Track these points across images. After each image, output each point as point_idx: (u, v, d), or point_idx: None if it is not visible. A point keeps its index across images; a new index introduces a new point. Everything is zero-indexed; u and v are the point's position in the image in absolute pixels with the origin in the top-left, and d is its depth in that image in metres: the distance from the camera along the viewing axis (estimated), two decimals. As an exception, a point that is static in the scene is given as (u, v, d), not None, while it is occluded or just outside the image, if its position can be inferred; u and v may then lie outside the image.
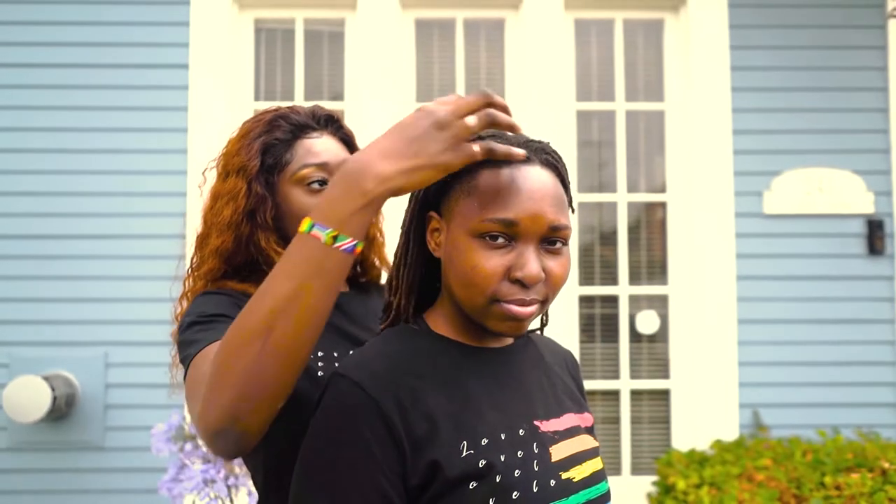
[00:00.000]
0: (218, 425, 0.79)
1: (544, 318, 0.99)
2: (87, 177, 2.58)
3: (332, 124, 1.14)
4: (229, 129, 2.62)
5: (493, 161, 0.86)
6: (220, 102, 2.60)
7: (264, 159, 1.08)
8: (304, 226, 0.78)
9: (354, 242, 0.79)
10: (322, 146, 1.09)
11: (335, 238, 0.77)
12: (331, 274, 0.77)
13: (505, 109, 0.83)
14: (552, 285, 0.86)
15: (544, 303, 0.87)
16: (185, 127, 2.60)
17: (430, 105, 0.80)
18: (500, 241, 0.83)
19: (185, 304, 1.12)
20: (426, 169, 0.78)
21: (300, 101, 2.73)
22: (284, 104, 1.14)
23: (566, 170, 0.91)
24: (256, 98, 2.74)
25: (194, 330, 0.97)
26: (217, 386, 0.79)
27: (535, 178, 0.85)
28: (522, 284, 0.83)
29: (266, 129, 1.09)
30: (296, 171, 1.08)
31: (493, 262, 0.83)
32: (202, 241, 1.12)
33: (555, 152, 0.90)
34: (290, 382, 0.79)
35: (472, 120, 0.78)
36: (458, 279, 0.86)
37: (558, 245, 0.86)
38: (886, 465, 1.95)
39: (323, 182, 1.08)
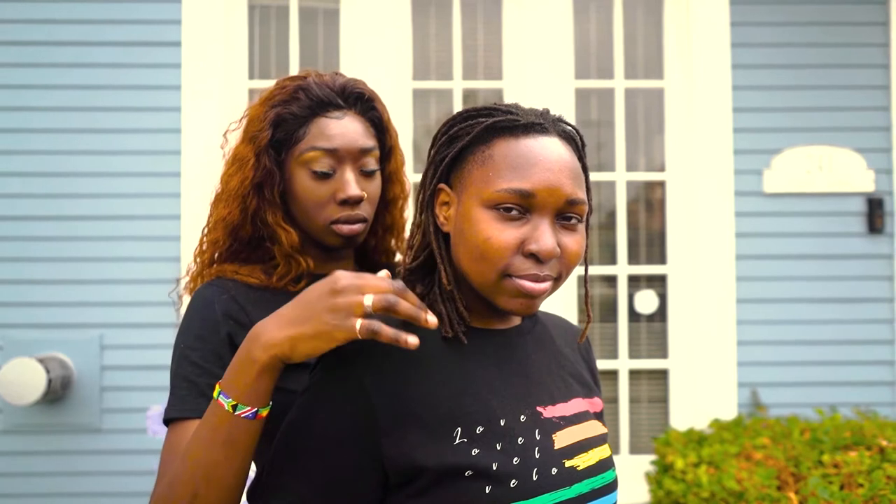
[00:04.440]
0: None
1: (588, 315, 0.92)
2: (80, 157, 2.55)
3: (361, 103, 1.08)
4: (223, 108, 2.59)
5: (510, 130, 0.82)
6: (213, 81, 2.57)
7: (275, 133, 1.03)
8: (215, 391, 0.83)
9: (255, 410, 0.81)
10: (338, 129, 1.03)
11: (235, 407, 0.81)
12: (239, 440, 0.81)
13: (415, 304, 0.79)
14: (567, 262, 0.82)
15: (557, 280, 0.83)
16: (179, 106, 2.56)
17: (339, 272, 0.79)
18: (515, 213, 0.80)
19: (197, 262, 1.10)
20: (312, 339, 0.77)
21: (295, 79, 2.68)
22: (328, 71, 1.11)
23: (584, 144, 0.87)
24: (251, 77, 2.70)
25: (182, 372, 0.98)
26: None
27: (552, 149, 0.81)
28: (536, 259, 0.80)
29: (284, 100, 1.04)
30: (304, 151, 1.02)
31: (506, 234, 0.79)
32: (216, 202, 1.08)
33: (573, 125, 0.87)
34: None
35: (368, 300, 0.76)
36: (469, 253, 0.82)
37: (574, 221, 0.82)
38: (884, 443, 1.95)
39: (328, 170, 1.02)
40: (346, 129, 1.03)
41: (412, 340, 0.76)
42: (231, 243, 1.06)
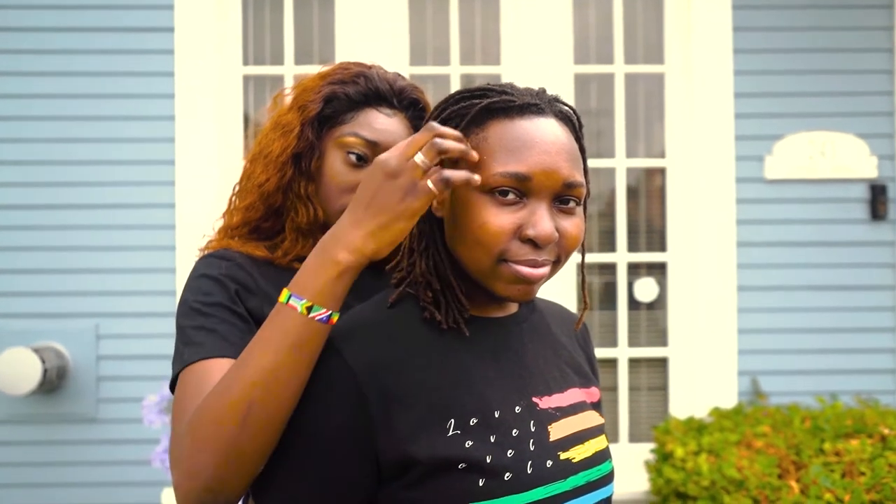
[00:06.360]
0: (198, 500, 0.79)
1: (584, 302, 0.90)
2: (73, 145, 2.52)
3: (413, 110, 1.09)
4: (217, 95, 2.56)
5: (505, 112, 0.80)
6: (207, 68, 2.53)
7: (324, 108, 1.05)
8: (283, 296, 0.79)
9: (329, 313, 0.78)
10: (384, 125, 1.05)
11: (310, 309, 0.77)
12: (307, 345, 0.78)
13: (456, 138, 0.78)
14: (565, 247, 0.80)
15: (556, 264, 0.81)
16: (172, 93, 2.53)
17: (382, 156, 0.78)
18: (511, 197, 0.78)
19: (226, 219, 1.10)
20: (393, 224, 0.77)
21: (290, 66, 2.66)
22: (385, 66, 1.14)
23: (581, 124, 0.85)
24: (245, 63, 2.67)
25: (192, 324, 0.94)
26: (195, 461, 0.79)
27: (549, 130, 0.79)
28: (534, 244, 0.78)
29: (343, 79, 1.06)
30: (345, 134, 1.04)
31: (502, 219, 0.77)
32: (254, 162, 1.09)
33: (569, 105, 0.84)
34: (267, 452, 0.80)
35: (419, 157, 0.76)
36: (464, 238, 0.80)
37: (572, 204, 0.80)
38: (886, 431, 1.93)
39: (362, 158, 1.03)
40: (391, 127, 1.05)
41: (476, 177, 0.76)
42: (264, 210, 1.07)
